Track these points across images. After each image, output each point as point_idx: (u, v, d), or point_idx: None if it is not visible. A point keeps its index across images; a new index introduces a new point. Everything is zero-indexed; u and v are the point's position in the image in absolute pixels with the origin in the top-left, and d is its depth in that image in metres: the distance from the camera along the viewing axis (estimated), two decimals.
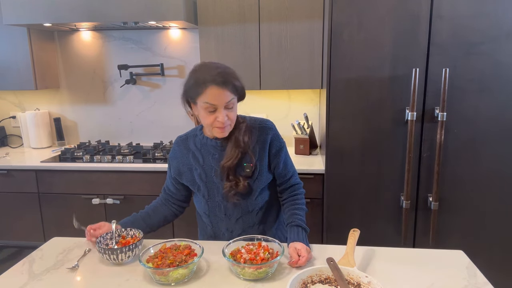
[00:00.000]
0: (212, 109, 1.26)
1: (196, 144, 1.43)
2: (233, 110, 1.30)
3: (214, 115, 1.27)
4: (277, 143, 1.40)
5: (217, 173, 1.37)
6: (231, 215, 1.42)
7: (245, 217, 1.42)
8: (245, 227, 1.44)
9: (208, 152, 1.40)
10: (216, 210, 1.43)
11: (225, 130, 1.30)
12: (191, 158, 1.42)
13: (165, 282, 1.13)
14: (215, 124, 1.28)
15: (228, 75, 1.25)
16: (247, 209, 1.41)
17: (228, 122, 1.29)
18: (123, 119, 2.98)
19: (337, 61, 1.97)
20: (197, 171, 1.41)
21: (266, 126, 1.40)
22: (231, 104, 1.27)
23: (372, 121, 2.02)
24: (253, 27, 2.40)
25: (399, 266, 1.23)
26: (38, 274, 1.21)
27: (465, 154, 1.99)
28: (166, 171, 1.55)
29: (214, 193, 1.40)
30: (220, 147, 1.38)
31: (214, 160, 1.38)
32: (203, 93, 1.24)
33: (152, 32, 2.80)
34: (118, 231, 1.35)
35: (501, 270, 2.09)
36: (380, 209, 2.11)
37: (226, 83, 1.24)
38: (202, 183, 1.40)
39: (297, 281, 1.08)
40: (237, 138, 1.34)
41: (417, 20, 1.89)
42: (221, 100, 1.25)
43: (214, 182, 1.39)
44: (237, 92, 1.29)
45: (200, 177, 1.40)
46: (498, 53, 1.88)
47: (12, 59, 2.61)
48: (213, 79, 1.23)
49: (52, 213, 2.51)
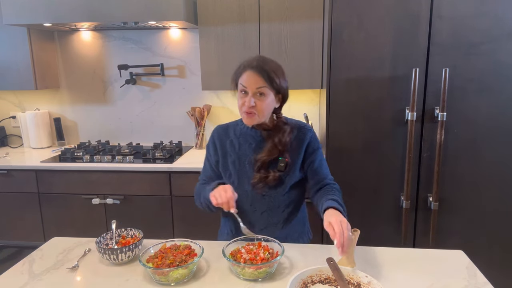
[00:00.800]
0: (244, 91, 1.32)
1: (235, 132, 1.46)
2: (263, 100, 1.32)
3: (244, 98, 1.33)
4: (314, 143, 1.43)
5: (251, 161, 1.39)
6: (256, 208, 1.41)
7: (270, 212, 1.42)
8: (269, 223, 1.42)
9: (246, 140, 1.42)
10: (243, 199, 1.41)
11: (253, 117, 1.34)
12: (228, 145, 1.45)
13: (165, 282, 1.13)
14: (243, 108, 1.33)
15: (266, 65, 1.32)
16: (273, 204, 1.41)
17: (255, 110, 1.32)
18: (123, 119, 2.98)
19: (337, 61, 1.97)
20: (231, 158, 1.43)
21: (306, 127, 1.45)
22: (261, 91, 1.31)
23: (372, 121, 2.02)
24: (253, 27, 2.40)
25: (399, 266, 1.23)
26: (38, 274, 1.21)
27: (465, 154, 1.99)
28: (166, 171, 1.54)
29: (244, 181, 1.41)
30: (259, 137, 1.41)
31: (250, 148, 1.41)
32: (241, 75, 1.33)
33: (152, 32, 2.80)
34: (118, 231, 1.35)
35: (501, 270, 2.09)
36: (380, 209, 2.11)
37: (260, 69, 1.30)
38: (234, 170, 1.42)
39: (297, 281, 1.08)
40: (280, 139, 1.37)
41: (417, 20, 1.89)
42: (251, 84, 1.30)
43: (246, 171, 1.40)
44: (273, 85, 1.32)
45: (233, 164, 1.42)
46: (498, 53, 1.88)
47: (12, 59, 2.61)
48: (249, 64, 1.33)
49: (52, 213, 2.51)
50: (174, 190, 2.40)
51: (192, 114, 2.82)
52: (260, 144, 1.40)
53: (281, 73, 1.35)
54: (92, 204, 2.44)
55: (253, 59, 1.34)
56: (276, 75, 1.32)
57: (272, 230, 1.41)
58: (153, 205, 2.43)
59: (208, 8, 2.40)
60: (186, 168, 2.35)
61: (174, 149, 2.70)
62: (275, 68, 1.34)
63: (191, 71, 2.83)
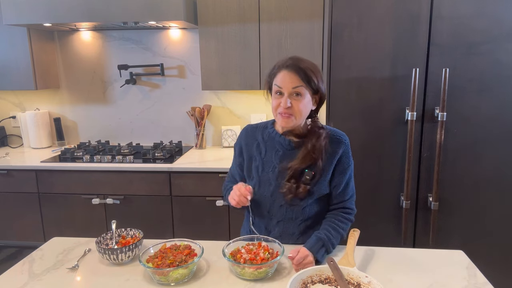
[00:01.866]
0: (279, 92, 1.27)
1: (263, 136, 1.40)
2: (300, 101, 1.26)
3: (280, 99, 1.27)
4: (346, 160, 1.35)
5: (275, 170, 1.34)
6: (272, 216, 1.37)
7: (286, 223, 1.37)
8: (283, 233, 1.38)
9: (273, 146, 1.37)
10: (261, 205, 1.38)
11: (289, 119, 1.27)
12: (255, 148, 1.40)
13: (165, 282, 1.13)
14: (279, 109, 1.27)
15: (301, 63, 1.26)
16: (291, 216, 1.36)
17: (291, 112, 1.26)
18: (123, 119, 2.98)
19: (337, 61, 1.97)
20: (256, 162, 1.39)
21: (340, 139, 1.35)
22: (298, 91, 1.25)
23: (372, 121, 2.02)
24: (253, 27, 2.40)
25: (399, 266, 1.23)
26: (38, 274, 1.21)
27: (465, 154, 1.99)
28: (166, 171, 1.54)
29: (264, 188, 1.36)
30: (287, 146, 1.34)
31: (277, 156, 1.35)
32: (275, 76, 1.28)
33: (152, 32, 2.80)
34: (118, 231, 1.35)
35: (501, 270, 2.09)
36: (380, 209, 2.11)
37: (296, 68, 1.24)
38: (256, 175, 1.38)
39: (297, 281, 1.08)
40: (315, 144, 1.30)
41: (417, 20, 1.89)
42: (287, 84, 1.25)
43: (269, 178, 1.35)
44: (310, 85, 1.25)
45: (256, 169, 1.38)
46: (498, 53, 1.88)
47: (12, 59, 2.61)
48: (284, 63, 1.27)
49: (52, 213, 2.51)
50: (174, 190, 2.40)
51: (192, 114, 2.82)
52: (287, 152, 1.34)
53: (318, 72, 1.28)
54: (92, 204, 2.44)
55: (287, 59, 1.28)
56: (314, 73, 1.26)
57: (287, 240, 1.37)
58: (153, 205, 2.43)
59: (208, 8, 2.40)
60: (186, 168, 2.35)
61: (174, 149, 2.70)
62: (311, 66, 1.27)
63: (191, 71, 2.83)
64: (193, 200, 2.41)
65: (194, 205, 2.42)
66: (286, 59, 1.29)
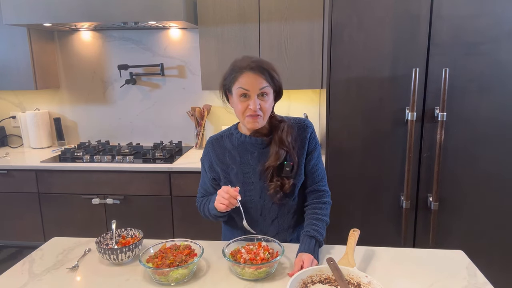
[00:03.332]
0: (245, 94, 1.25)
1: (232, 142, 1.38)
2: (266, 101, 1.27)
3: (247, 102, 1.25)
4: (313, 142, 1.38)
5: (256, 172, 1.34)
6: (266, 216, 1.38)
7: (281, 219, 1.39)
8: (279, 230, 1.40)
9: (246, 150, 1.36)
10: (252, 210, 1.37)
11: (258, 120, 1.26)
12: (227, 157, 1.37)
13: (165, 282, 1.13)
14: (247, 112, 1.26)
15: (263, 64, 1.26)
16: (284, 211, 1.38)
17: (260, 112, 1.25)
18: (123, 119, 2.98)
19: (337, 61, 1.97)
20: (233, 171, 1.36)
21: (305, 125, 1.38)
22: (265, 92, 1.26)
23: (372, 121, 2.02)
24: (253, 27, 2.40)
25: (399, 266, 1.23)
26: (38, 274, 1.21)
27: (465, 154, 1.99)
28: (166, 171, 1.53)
29: (251, 192, 1.36)
30: (260, 145, 1.34)
31: (253, 158, 1.35)
32: (237, 79, 1.26)
33: (152, 32, 2.80)
34: (118, 231, 1.35)
35: (501, 270, 2.09)
36: (380, 209, 2.11)
37: (260, 69, 1.24)
38: (238, 182, 1.35)
39: (297, 281, 1.08)
40: (281, 137, 1.31)
41: (417, 20, 1.89)
42: (254, 86, 1.24)
43: (252, 182, 1.35)
44: (273, 83, 1.28)
45: (236, 176, 1.36)
46: (498, 53, 1.88)
47: (12, 59, 2.61)
48: (248, 65, 1.25)
49: (52, 213, 2.51)
50: (174, 190, 2.40)
51: (192, 114, 2.82)
52: (262, 151, 1.34)
53: (274, 68, 1.30)
54: (92, 204, 2.44)
55: (247, 61, 1.26)
56: (275, 71, 1.28)
57: (284, 236, 1.39)
58: (153, 205, 2.43)
59: (208, 8, 2.40)
60: (186, 168, 2.35)
61: (174, 149, 2.70)
62: (271, 65, 1.29)
63: (191, 71, 2.83)
64: (193, 200, 2.39)
65: (194, 205, 2.41)
66: (243, 60, 1.27)
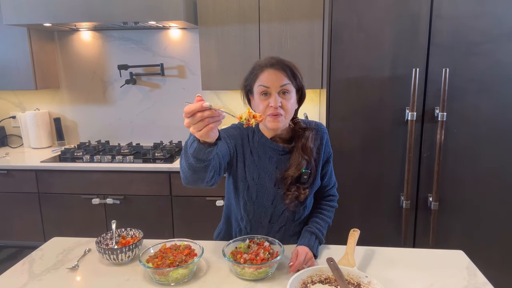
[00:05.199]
0: (265, 92, 1.20)
1: (254, 142, 1.31)
2: (288, 100, 1.21)
3: (267, 100, 1.19)
4: (328, 149, 1.35)
5: (272, 178, 1.28)
6: (275, 223, 1.35)
7: (288, 226, 1.36)
8: (285, 236, 1.37)
9: (265, 153, 1.29)
10: (262, 215, 1.33)
11: (279, 119, 1.19)
12: (248, 154, 1.29)
13: (165, 282, 1.13)
14: (268, 110, 1.19)
15: (285, 61, 1.22)
16: (293, 218, 1.35)
17: (282, 111, 1.19)
18: (123, 119, 2.98)
19: (337, 61, 1.97)
20: (249, 169, 1.28)
21: (322, 130, 1.34)
22: (286, 89, 1.20)
23: (372, 121, 2.02)
24: (253, 27, 2.40)
25: (399, 266, 1.23)
26: (38, 274, 1.21)
27: (465, 154, 1.99)
28: (166, 171, 1.52)
29: (263, 197, 1.30)
30: (280, 151, 1.29)
31: (272, 163, 1.29)
32: (258, 77, 1.21)
33: (152, 32, 2.80)
34: (118, 231, 1.35)
35: (501, 270, 2.09)
36: (380, 209, 2.11)
37: (281, 65, 1.20)
38: (253, 183, 1.29)
39: (297, 281, 1.08)
40: (305, 145, 1.26)
41: (417, 20, 1.89)
42: (274, 82, 1.19)
43: (266, 187, 1.29)
44: (295, 81, 1.23)
45: (252, 177, 1.28)
46: (498, 53, 1.88)
47: (12, 59, 2.61)
48: (268, 62, 1.21)
49: (52, 213, 2.51)
50: (174, 190, 2.40)
51: None
52: (281, 157, 1.29)
53: (299, 69, 1.25)
54: (92, 204, 2.44)
55: (267, 59, 1.23)
56: (297, 70, 1.23)
57: (287, 241, 1.37)
58: (153, 205, 2.43)
59: (208, 8, 2.40)
60: None
61: (174, 149, 2.70)
62: (294, 64, 1.24)
63: (191, 71, 2.83)
64: (193, 200, 2.41)
65: (194, 205, 2.42)
66: (266, 59, 1.24)
